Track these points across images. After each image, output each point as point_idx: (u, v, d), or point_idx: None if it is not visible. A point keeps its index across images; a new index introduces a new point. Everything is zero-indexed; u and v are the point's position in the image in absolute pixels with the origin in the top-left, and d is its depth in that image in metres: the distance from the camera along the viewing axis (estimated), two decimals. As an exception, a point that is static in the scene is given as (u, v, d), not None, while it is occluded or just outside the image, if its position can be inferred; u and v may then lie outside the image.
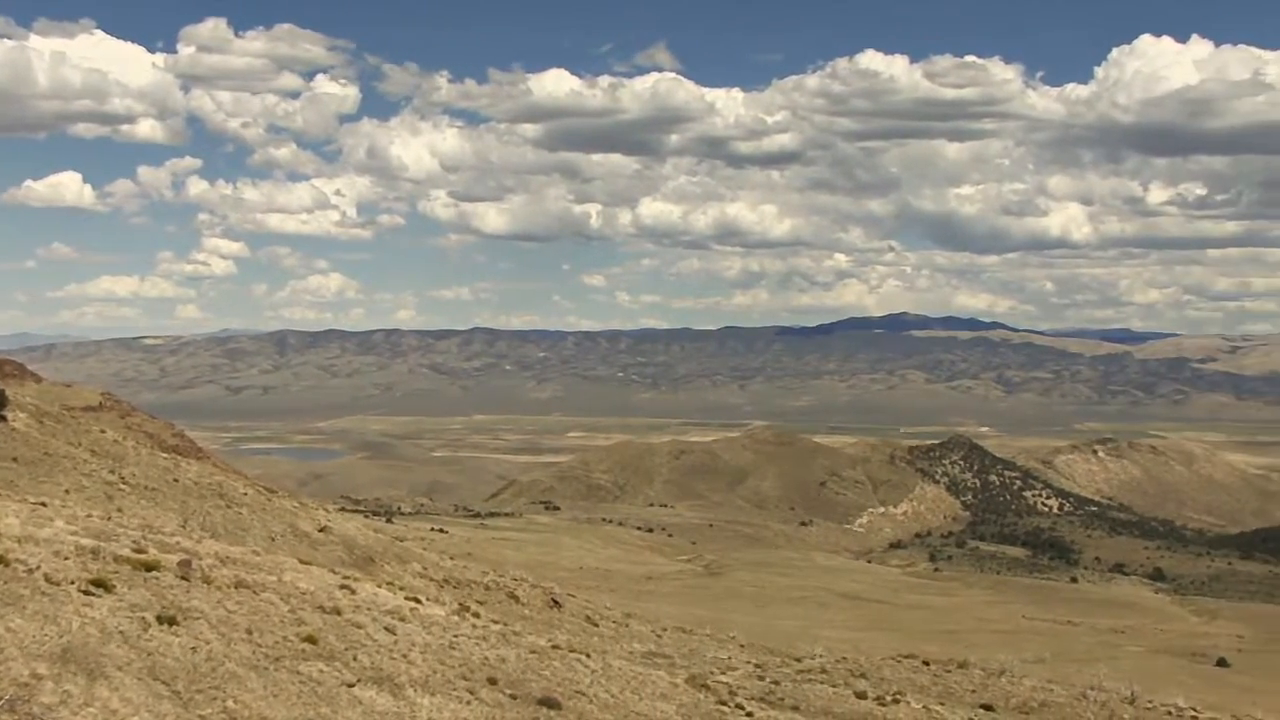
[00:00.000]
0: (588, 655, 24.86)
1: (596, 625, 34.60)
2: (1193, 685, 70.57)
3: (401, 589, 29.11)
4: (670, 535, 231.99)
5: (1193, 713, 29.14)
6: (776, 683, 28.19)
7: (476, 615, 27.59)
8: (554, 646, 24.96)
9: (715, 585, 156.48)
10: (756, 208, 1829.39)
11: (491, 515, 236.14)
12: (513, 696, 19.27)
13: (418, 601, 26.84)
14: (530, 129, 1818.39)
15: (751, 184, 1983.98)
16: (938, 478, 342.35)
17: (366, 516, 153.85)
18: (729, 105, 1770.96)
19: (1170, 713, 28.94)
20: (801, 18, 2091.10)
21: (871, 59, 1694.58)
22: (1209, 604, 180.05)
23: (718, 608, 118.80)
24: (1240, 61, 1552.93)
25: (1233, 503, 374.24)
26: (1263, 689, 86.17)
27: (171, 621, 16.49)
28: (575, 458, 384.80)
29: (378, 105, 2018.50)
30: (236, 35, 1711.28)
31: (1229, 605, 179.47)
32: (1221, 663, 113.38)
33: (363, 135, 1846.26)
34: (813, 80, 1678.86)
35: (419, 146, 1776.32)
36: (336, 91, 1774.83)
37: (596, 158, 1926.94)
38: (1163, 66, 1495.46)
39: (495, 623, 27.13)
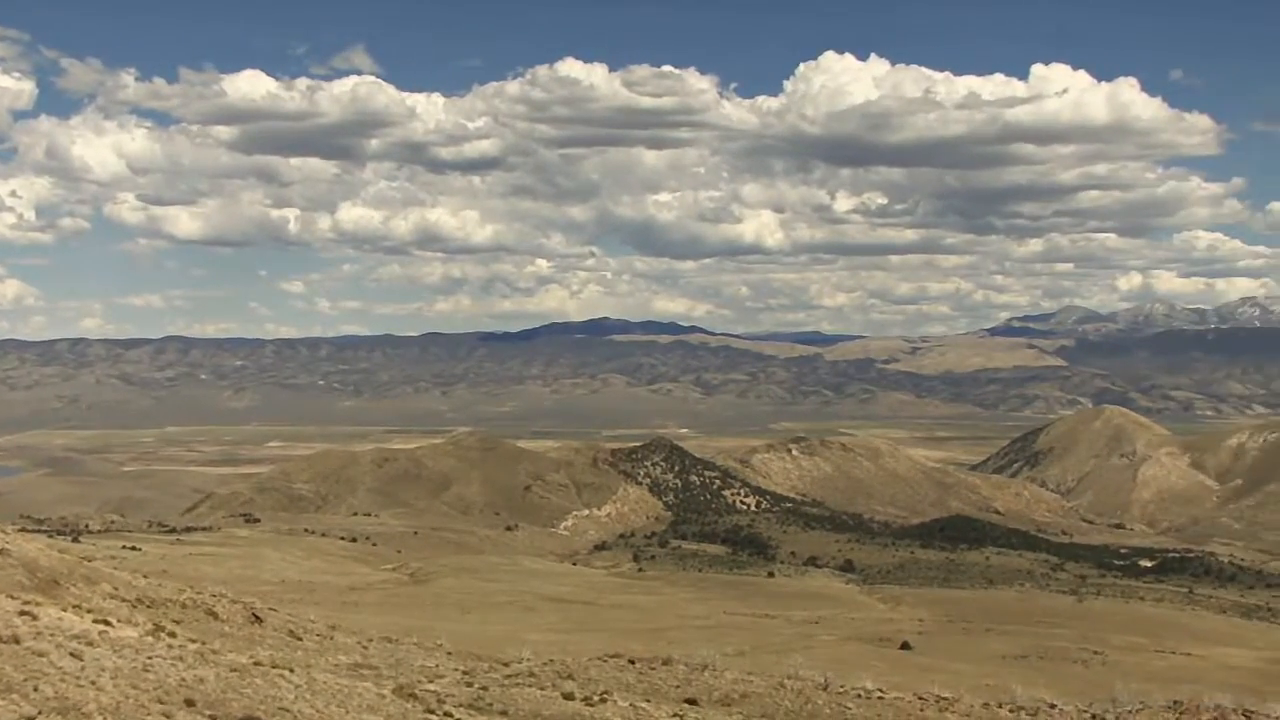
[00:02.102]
0: (291, 670, 24.29)
1: (300, 639, 33.80)
2: (880, 668, 74.24)
3: (90, 611, 27.75)
4: (375, 544, 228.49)
5: (879, 694, 30.67)
6: (485, 688, 28.19)
7: (172, 635, 26.57)
8: (256, 663, 24.28)
9: (421, 593, 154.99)
10: (458, 213, 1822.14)
11: (188, 530, 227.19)
12: (212, 718, 18.67)
13: (108, 624, 25.65)
14: (224, 131, 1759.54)
15: (453, 189, 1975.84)
16: (640, 479, 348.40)
17: (50, 536, 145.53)
18: (430, 110, 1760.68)
19: (860, 695, 30.38)
20: (502, 24, 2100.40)
21: (571, 67, 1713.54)
22: (894, 591, 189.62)
23: (424, 616, 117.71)
24: (913, 81, 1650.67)
25: (914, 495, 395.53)
26: (940, 667, 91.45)
27: None
28: (275, 468, 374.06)
29: (57, 102, 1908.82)
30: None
31: (911, 592, 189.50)
32: (905, 646, 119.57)
33: (40, 134, 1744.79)
34: (513, 87, 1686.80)
35: (104, 147, 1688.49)
36: (10, 85, 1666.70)
37: (294, 161, 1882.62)
38: (846, 82, 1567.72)
39: (193, 642, 26.18)
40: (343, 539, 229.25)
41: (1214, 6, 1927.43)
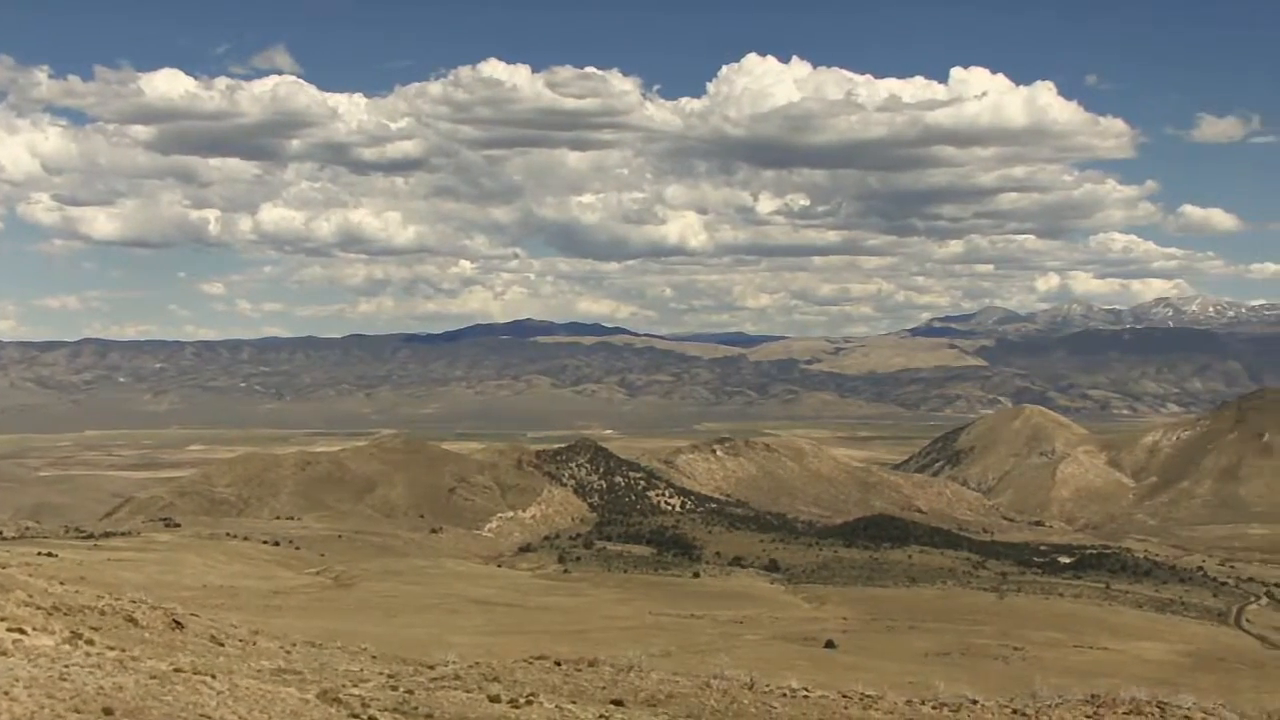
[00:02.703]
0: (213, 676, 24.00)
1: (222, 645, 33.38)
2: (805, 667, 74.87)
3: (3, 620, 27.23)
4: (298, 548, 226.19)
5: (804, 692, 30.86)
6: (410, 692, 28.01)
7: (90, 643, 26.15)
8: (176, 670, 23.97)
9: (345, 597, 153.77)
10: (381, 214, 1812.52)
11: (106, 535, 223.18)
12: (132, 725, 18.40)
13: (23, 632, 25.21)
14: (142, 130, 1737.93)
15: (376, 190, 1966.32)
16: (565, 480, 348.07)
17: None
18: (352, 111, 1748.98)
19: (785, 694, 30.55)
20: (424, 25, 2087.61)
21: (494, 68, 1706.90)
22: (818, 590, 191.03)
23: (349, 619, 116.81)
24: (835, 83, 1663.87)
25: (838, 495, 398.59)
26: (864, 665, 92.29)
27: None
28: (196, 472, 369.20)
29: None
30: None
31: (835, 590, 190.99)
32: (830, 644, 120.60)
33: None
34: (436, 87, 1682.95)
35: (17, 146, 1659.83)
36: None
37: (214, 162, 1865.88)
38: (768, 84, 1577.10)
39: (111, 649, 25.79)
40: (265, 543, 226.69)
41: (1127, 13, 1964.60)
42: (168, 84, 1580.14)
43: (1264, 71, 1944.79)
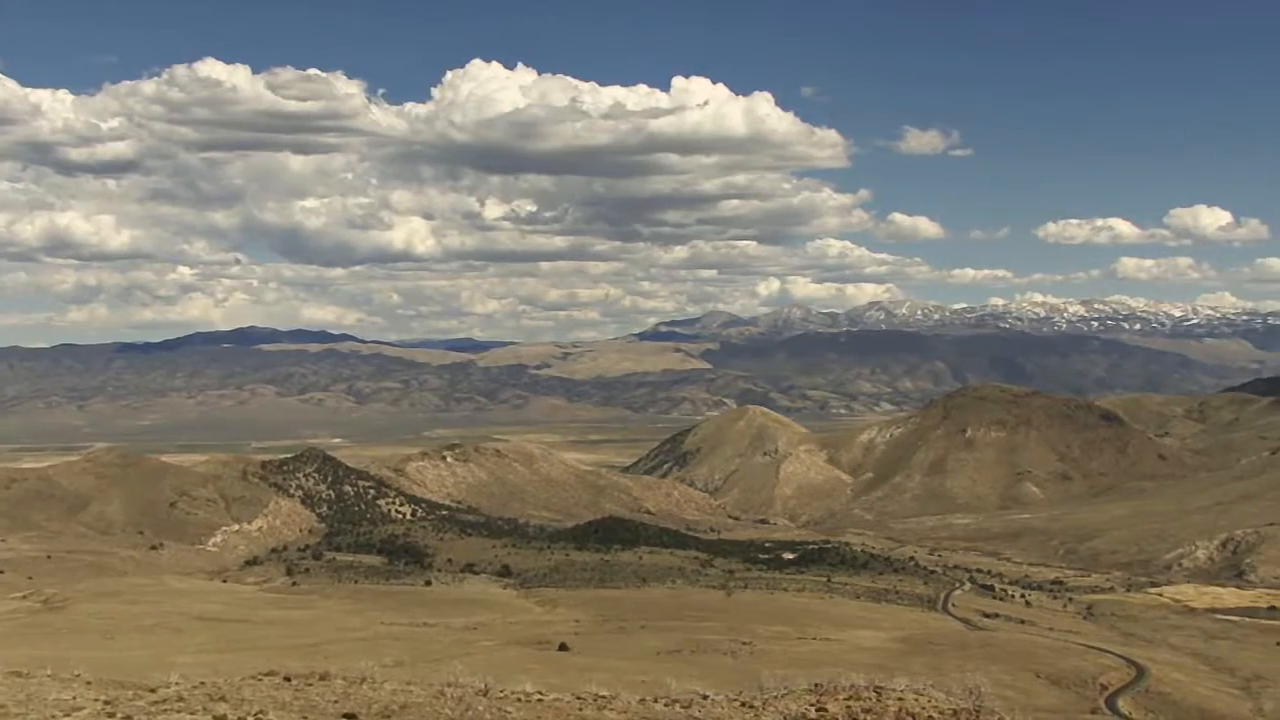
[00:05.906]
0: (-91, 713, 22.54)
1: (-81, 678, 31.36)
2: (539, 671, 75.01)
3: None
4: (2, 571, 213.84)
5: (539, 696, 31.10)
6: (129, 717, 26.95)
7: None
8: None
9: (56, 621, 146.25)
10: (92, 218, 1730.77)
11: None
12: None
13: None
14: None
15: (86, 193, 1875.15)
16: (292, 491, 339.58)
17: None
18: (57, 108, 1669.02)
19: (520, 698, 30.71)
20: (135, 19, 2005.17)
21: (212, 67, 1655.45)
22: (550, 594, 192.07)
23: (60, 645, 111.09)
24: (560, 90, 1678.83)
25: (568, 498, 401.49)
26: (598, 666, 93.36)
27: None
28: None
29: None
30: None
31: (567, 593, 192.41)
32: (563, 647, 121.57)
33: None
34: (149, 86, 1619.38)
35: None
36: None
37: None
38: (494, 90, 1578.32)
39: None
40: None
41: (837, 27, 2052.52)
42: None
43: (958, 88, 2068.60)
